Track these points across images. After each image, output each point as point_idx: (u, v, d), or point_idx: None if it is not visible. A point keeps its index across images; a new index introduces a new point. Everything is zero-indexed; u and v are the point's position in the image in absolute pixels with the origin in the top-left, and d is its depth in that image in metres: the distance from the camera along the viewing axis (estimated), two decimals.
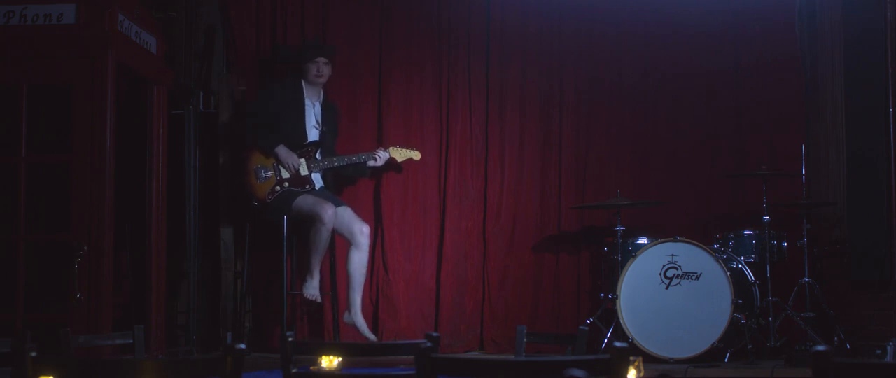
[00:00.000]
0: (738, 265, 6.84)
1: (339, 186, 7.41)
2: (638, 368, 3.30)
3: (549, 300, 7.59)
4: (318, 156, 7.04)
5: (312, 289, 6.98)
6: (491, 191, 7.63)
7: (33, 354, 2.75)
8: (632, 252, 6.85)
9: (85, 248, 5.11)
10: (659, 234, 6.98)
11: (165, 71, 5.96)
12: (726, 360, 6.61)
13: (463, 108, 7.62)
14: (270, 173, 6.96)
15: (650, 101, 7.76)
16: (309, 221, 6.91)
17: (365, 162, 7.12)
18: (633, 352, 3.59)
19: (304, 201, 6.92)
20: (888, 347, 6.04)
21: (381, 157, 7.12)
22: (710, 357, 6.56)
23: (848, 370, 2.49)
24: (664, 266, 6.72)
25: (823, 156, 7.45)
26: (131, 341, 4.09)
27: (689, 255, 6.70)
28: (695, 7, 7.65)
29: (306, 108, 7.08)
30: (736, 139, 7.69)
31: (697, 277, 6.67)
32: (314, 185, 7.02)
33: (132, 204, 6.62)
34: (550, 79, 7.74)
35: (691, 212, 7.55)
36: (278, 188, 6.96)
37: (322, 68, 7.08)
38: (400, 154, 7.24)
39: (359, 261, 6.98)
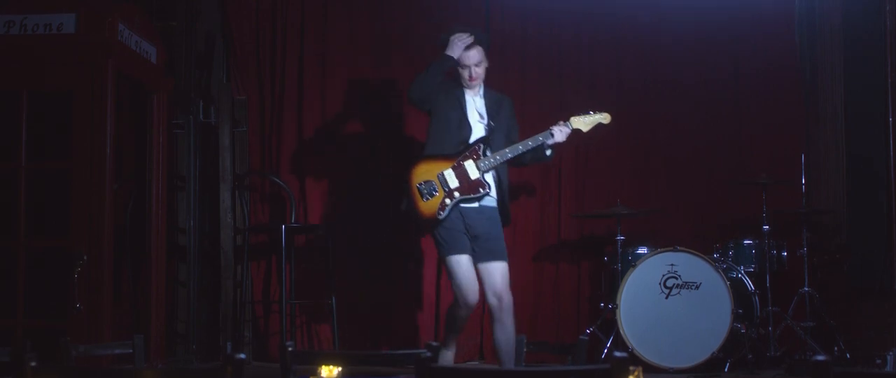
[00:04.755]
0: (737, 275, 6.84)
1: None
2: None
3: (548, 309, 7.58)
4: (487, 152, 5.96)
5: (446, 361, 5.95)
6: None
7: (33, 364, 2.75)
8: (631, 262, 6.85)
9: (85, 257, 5.10)
10: (659, 241, 6.98)
11: (165, 80, 5.97)
12: (726, 369, 6.60)
13: None
14: (436, 187, 5.87)
15: (650, 107, 7.76)
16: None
17: (543, 143, 5.99)
18: (633, 362, 3.59)
19: (459, 264, 5.80)
20: (888, 357, 6.02)
21: (561, 132, 6.00)
22: (709, 367, 6.55)
23: None
24: (664, 276, 6.72)
25: (823, 163, 7.46)
26: (131, 350, 4.08)
27: (688, 264, 6.70)
28: (694, 14, 7.67)
29: (466, 103, 6.03)
30: (736, 146, 7.70)
31: (697, 287, 6.67)
32: (489, 190, 5.89)
33: (132, 211, 6.63)
34: (550, 85, 7.75)
35: (691, 219, 7.56)
36: (448, 201, 5.85)
37: (474, 70, 5.99)
38: (585, 123, 6.11)
39: (505, 339, 5.75)
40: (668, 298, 6.70)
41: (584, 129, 6.10)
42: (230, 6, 7.57)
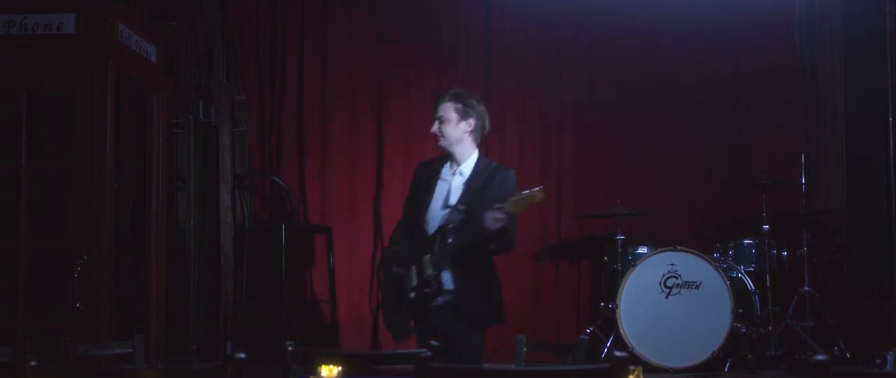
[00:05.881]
0: (737, 274, 6.84)
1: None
2: None
3: (548, 309, 7.58)
4: (447, 243, 4.90)
5: None
6: None
7: (33, 364, 2.75)
8: (632, 261, 6.84)
9: (85, 257, 5.10)
10: (659, 242, 6.98)
11: (165, 80, 5.97)
12: (726, 369, 6.60)
13: None
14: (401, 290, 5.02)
15: (650, 107, 7.77)
16: None
17: (486, 229, 4.85)
18: (633, 361, 3.58)
19: None
20: (888, 357, 6.02)
21: (489, 218, 4.81)
22: (709, 366, 6.55)
23: None
24: (664, 275, 6.72)
25: (823, 164, 7.46)
26: (131, 350, 4.08)
27: (688, 264, 6.69)
28: (694, 14, 7.67)
29: (435, 185, 5.12)
30: (736, 147, 7.70)
31: (697, 287, 6.67)
32: (442, 286, 4.89)
33: (132, 211, 6.62)
34: (550, 85, 7.75)
35: (691, 219, 7.56)
36: (407, 306, 5.00)
37: (436, 125, 5.05)
38: (518, 205, 4.89)
39: None
40: (668, 298, 6.70)
41: (518, 210, 4.96)
42: (230, 6, 7.57)
